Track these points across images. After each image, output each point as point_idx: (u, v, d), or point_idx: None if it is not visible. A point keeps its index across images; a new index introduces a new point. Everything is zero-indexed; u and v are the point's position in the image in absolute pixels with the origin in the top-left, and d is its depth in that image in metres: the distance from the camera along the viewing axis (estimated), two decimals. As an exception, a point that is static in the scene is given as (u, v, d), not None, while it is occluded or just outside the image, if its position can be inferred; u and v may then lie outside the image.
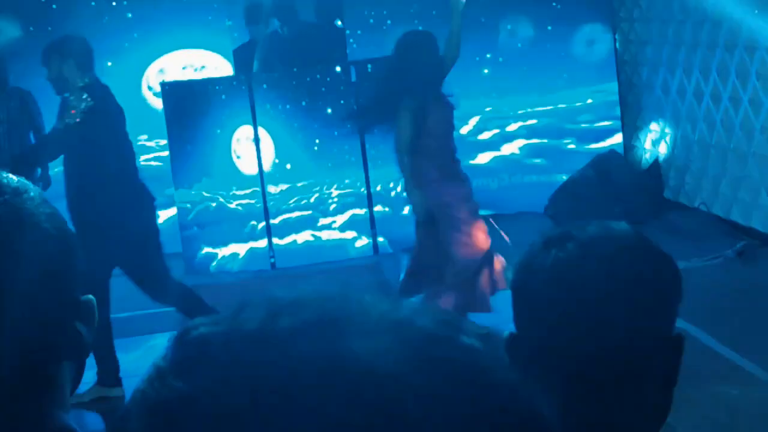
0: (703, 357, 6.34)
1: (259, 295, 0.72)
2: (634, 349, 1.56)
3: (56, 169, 9.37)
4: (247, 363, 0.67)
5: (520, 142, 11.21)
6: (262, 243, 9.98)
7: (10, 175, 1.33)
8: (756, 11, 8.68)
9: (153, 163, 10.78)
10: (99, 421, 6.48)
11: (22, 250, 1.27)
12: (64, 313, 1.30)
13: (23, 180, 1.33)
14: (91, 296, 1.35)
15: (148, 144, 10.70)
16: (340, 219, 10.03)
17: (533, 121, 11.17)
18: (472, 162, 11.25)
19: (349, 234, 10.05)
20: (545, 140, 11.09)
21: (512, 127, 11.20)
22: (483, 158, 11.30)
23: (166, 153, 10.48)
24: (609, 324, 1.54)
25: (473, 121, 11.17)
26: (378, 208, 10.11)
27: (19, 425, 1.26)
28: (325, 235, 10.04)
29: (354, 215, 10.09)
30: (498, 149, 11.30)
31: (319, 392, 0.65)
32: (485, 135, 11.29)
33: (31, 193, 1.31)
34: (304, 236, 10.00)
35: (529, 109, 11.12)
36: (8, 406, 1.25)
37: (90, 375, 6.82)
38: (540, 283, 1.58)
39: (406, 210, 10.24)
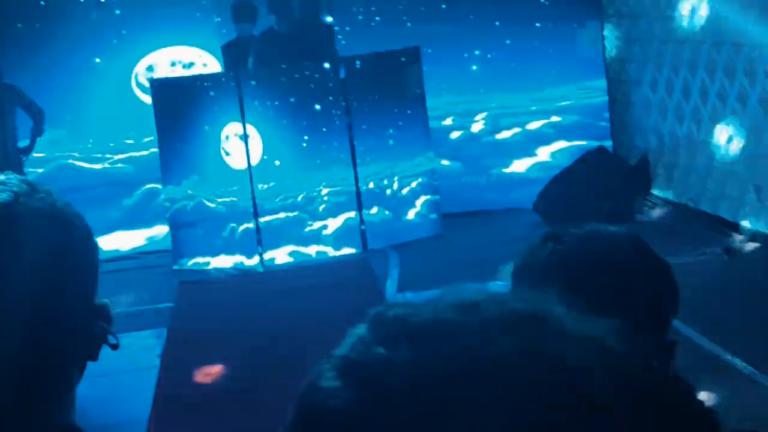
0: (689, 353, 6.35)
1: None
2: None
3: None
4: (447, 346, 0.73)
5: (560, 144, 10.88)
6: (230, 261, 9.76)
7: (24, 177, 1.32)
8: (742, 8, 8.69)
9: (119, 165, 10.64)
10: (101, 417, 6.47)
11: (59, 250, 1.26)
12: (92, 313, 1.30)
13: (41, 183, 1.32)
14: (106, 301, 1.35)
15: (127, 142, 10.58)
16: (333, 224, 9.88)
17: (557, 119, 11.01)
18: (505, 170, 10.94)
19: (348, 252, 9.88)
20: (583, 142, 10.77)
21: (534, 125, 11.04)
22: (520, 166, 10.95)
23: (142, 153, 10.43)
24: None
25: (481, 117, 11.06)
26: (374, 210, 10.01)
27: (34, 423, 1.26)
28: (314, 253, 9.86)
29: (348, 221, 9.99)
30: (533, 154, 10.94)
31: (508, 381, 0.70)
32: (505, 134, 11.12)
33: (46, 195, 1.30)
34: (285, 255, 9.79)
35: (543, 105, 10.98)
36: (28, 405, 1.25)
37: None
38: (535, 277, 1.59)
39: (411, 214, 10.18)
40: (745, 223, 8.95)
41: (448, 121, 11.02)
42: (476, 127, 11.03)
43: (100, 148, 10.57)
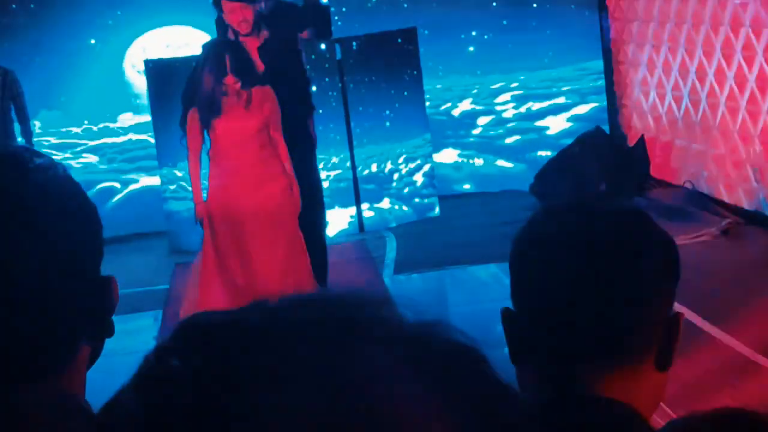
0: (687, 334, 6.34)
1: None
2: (630, 323, 1.54)
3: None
4: (241, 353, 0.68)
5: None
6: None
7: (34, 153, 1.32)
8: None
9: (84, 156, 10.42)
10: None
11: (45, 227, 1.25)
12: (85, 291, 1.29)
13: (48, 157, 1.32)
14: (112, 275, 1.34)
15: (111, 126, 10.47)
16: (335, 221, 9.77)
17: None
18: None
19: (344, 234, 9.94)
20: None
21: (582, 109, 10.94)
22: None
23: (119, 139, 10.33)
24: (606, 295, 1.52)
25: (505, 99, 11.00)
26: (386, 203, 9.94)
27: (36, 404, 1.25)
28: None
29: (352, 221, 9.84)
30: None
31: (305, 394, 0.66)
32: (551, 122, 10.94)
33: (55, 170, 1.30)
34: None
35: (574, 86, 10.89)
36: (26, 385, 1.24)
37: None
38: (540, 253, 1.56)
39: (409, 196, 10.11)
40: (744, 205, 8.94)
41: (466, 104, 10.96)
42: (509, 110, 10.93)
43: (80, 133, 10.47)
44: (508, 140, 10.98)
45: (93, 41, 10.48)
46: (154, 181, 10.27)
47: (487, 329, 2.11)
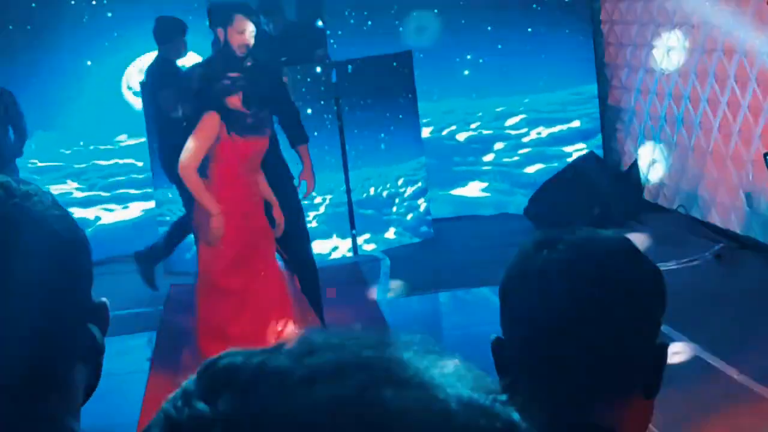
0: (679, 359, 6.36)
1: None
2: (619, 353, 1.57)
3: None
4: (269, 397, 0.69)
5: None
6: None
7: (20, 179, 1.33)
8: (733, 15, 8.71)
9: (64, 184, 10.38)
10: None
11: (32, 253, 1.26)
12: (76, 315, 1.30)
13: (34, 184, 1.33)
14: (104, 299, 1.35)
15: (101, 147, 10.48)
16: (335, 252, 9.79)
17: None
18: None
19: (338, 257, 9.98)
20: None
21: (586, 133, 10.98)
22: None
23: (106, 162, 10.26)
24: (596, 327, 1.55)
25: (512, 123, 11.04)
26: (391, 233, 9.96)
27: (28, 429, 1.25)
28: None
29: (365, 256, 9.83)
30: None
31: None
32: (569, 150, 10.86)
33: (41, 197, 1.30)
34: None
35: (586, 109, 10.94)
36: (18, 409, 1.25)
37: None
38: (530, 285, 1.59)
39: (403, 219, 10.09)
40: (736, 229, 8.96)
41: (470, 128, 10.98)
42: (529, 135, 10.95)
43: (70, 155, 10.48)
44: (529, 169, 10.94)
45: (89, 62, 10.51)
46: (146, 204, 10.30)
47: (480, 353, 2.14)
